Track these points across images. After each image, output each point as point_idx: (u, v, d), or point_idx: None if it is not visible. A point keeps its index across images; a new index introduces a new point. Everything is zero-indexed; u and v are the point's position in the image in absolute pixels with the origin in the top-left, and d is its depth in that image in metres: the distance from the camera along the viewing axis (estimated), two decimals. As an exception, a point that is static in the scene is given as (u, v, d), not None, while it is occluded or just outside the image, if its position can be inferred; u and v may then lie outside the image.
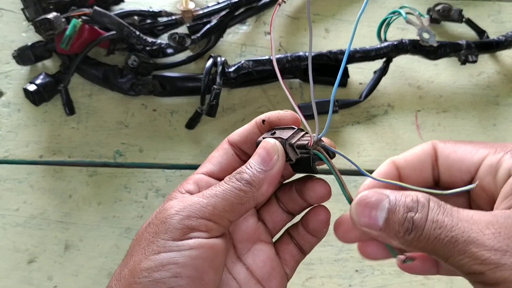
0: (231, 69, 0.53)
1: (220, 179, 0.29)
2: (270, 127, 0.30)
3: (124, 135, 0.53)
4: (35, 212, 0.50)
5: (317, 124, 0.27)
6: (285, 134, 0.29)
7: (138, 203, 0.50)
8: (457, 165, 0.27)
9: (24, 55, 0.53)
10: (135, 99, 0.55)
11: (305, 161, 0.28)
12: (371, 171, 0.28)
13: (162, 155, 0.53)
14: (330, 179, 0.29)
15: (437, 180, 0.28)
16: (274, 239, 0.32)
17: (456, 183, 0.27)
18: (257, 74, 0.53)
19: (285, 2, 0.25)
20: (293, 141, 0.28)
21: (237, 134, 0.32)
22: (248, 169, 0.27)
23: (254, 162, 0.28)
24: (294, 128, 0.29)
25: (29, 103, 0.54)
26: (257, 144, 0.30)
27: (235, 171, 0.28)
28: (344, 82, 0.57)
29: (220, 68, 0.51)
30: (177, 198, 0.28)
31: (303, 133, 0.29)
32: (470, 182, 0.26)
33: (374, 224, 0.24)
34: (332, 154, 0.28)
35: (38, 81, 0.52)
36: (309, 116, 0.57)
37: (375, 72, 0.56)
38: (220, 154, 0.32)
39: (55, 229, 0.49)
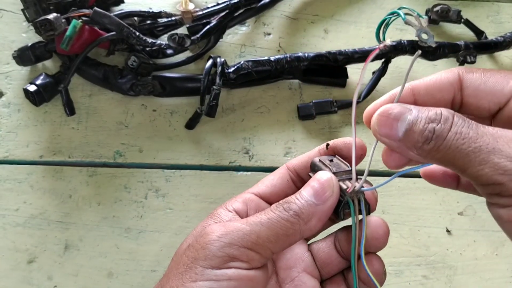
0: (231, 70, 0.53)
1: (271, 202, 0.28)
2: (332, 153, 0.30)
3: (124, 135, 0.53)
4: (35, 212, 0.50)
5: (366, 173, 0.27)
6: (338, 167, 0.28)
7: (138, 203, 0.51)
8: (487, 96, 0.26)
9: (24, 56, 0.53)
10: (135, 100, 0.55)
11: (337, 203, 0.27)
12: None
13: (161, 155, 0.53)
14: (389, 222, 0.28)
15: (457, 109, 0.27)
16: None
17: (481, 112, 0.27)
18: (256, 75, 0.54)
19: (383, 50, 0.24)
20: (337, 178, 0.27)
21: (297, 159, 0.31)
22: (297, 199, 0.26)
23: (305, 194, 0.26)
24: (349, 168, 0.28)
25: (29, 103, 0.54)
26: (312, 165, 0.29)
27: (283, 200, 0.27)
28: (343, 83, 0.57)
29: (219, 69, 0.52)
30: (220, 219, 0.27)
31: (353, 176, 0.28)
32: (497, 113, 0.26)
33: (394, 135, 0.24)
34: (366, 210, 0.27)
35: (38, 82, 0.52)
36: (308, 116, 0.57)
37: (374, 72, 0.56)
38: (275, 177, 0.30)
39: (55, 229, 0.49)
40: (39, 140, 0.53)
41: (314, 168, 0.29)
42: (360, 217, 0.27)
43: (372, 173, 0.52)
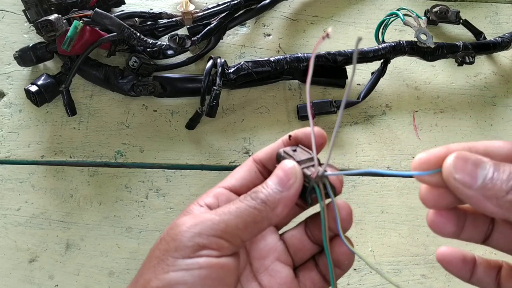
0: (231, 70, 0.53)
1: (241, 195, 0.28)
2: (295, 143, 0.31)
3: (125, 136, 0.54)
4: (36, 212, 0.50)
5: (328, 158, 0.27)
6: (301, 156, 0.29)
7: (139, 202, 0.51)
8: None
9: (25, 56, 0.54)
10: (136, 100, 0.55)
11: (304, 189, 0.28)
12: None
13: (162, 155, 0.53)
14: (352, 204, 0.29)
15: None
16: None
17: None
18: (256, 75, 0.54)
19: (328, 37, 0.24)
20: (301, 166, 0.28)
21: (262, 151, 0.31)
22: (264, 188, 0.27)
23: (270, 182, 0.27)
24: (311, 155, 0.29)
25: (31, 103, 0.54)
26: (277, 156, 0.30)
27: (251, 190, 0.27)
28: (342, 84, 0.57)
29: (220, 69, 0.52)
30: (191, 213, 0.28)
31: (315, 163, 0.29)
32: None
33: (472, 182, 0.23)
34: (332, 193, 0.28)
35: (39, 82, 0.52)
36: (307, 117, 0.58)
37: (373, 73, 0.57)
38: (243, 170, 0.31)
39: (56, 229, 0.49)
40: (40, 140, 0.53)
41: (279, 159, 0.30)
42: (328, 200, 0.28)
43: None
